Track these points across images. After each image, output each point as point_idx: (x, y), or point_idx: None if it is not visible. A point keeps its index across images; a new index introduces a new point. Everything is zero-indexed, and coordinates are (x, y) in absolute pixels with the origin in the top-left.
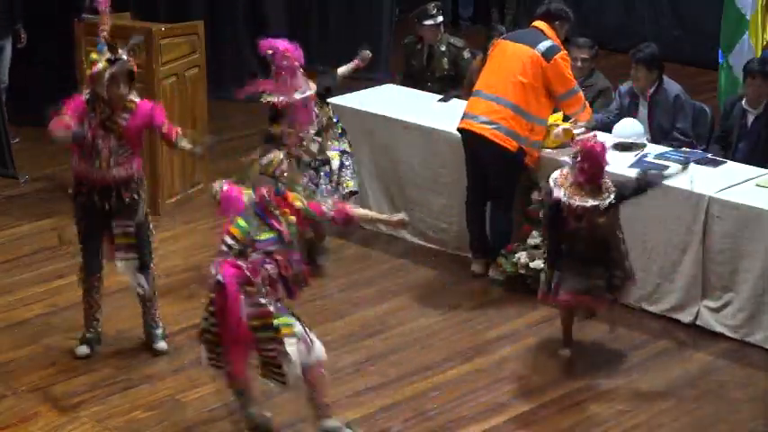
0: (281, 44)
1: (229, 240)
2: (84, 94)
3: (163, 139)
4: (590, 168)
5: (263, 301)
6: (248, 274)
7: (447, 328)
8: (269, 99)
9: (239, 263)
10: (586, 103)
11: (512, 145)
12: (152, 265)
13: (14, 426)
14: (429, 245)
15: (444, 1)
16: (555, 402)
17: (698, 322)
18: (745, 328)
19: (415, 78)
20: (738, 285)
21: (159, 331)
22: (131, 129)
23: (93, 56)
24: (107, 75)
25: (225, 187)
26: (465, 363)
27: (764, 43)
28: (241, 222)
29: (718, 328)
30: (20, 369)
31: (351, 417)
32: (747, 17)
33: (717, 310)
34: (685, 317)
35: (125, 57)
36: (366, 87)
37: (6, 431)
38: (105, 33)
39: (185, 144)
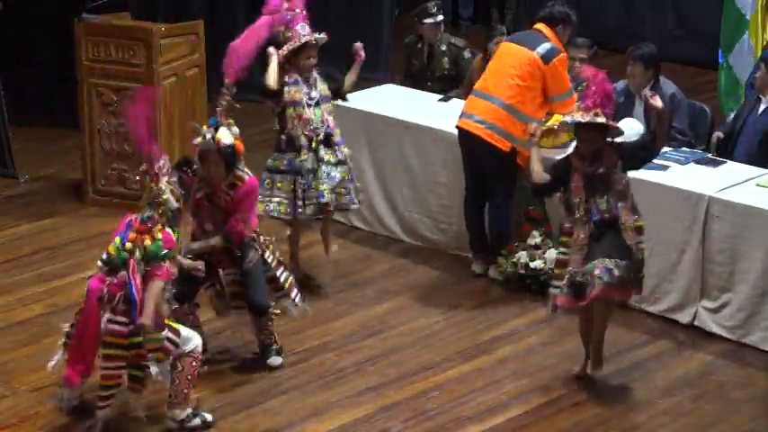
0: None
1: (104, 255)
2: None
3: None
4: (597, 91)
5: (120, 319)
6: (108, 290)
7: (447, 328)
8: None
9: (106, 278)
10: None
11: (505, 145)
12: (271, 306)
13: (14, 426)
14: (429, 245)
15: (444, 1)
16: (555, 402)
17: (696, 323)
18: (742, 329)
19: (415, 78)
20: (736, 286)
21: (273, 347)
22: (234, 206)
23: (203, 128)
24: (197, 151)
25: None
26: (465, 363)
27: (764, 43)
28: (117, 240)
29: (716, 329)
30: (20, 369)
31: (351, 417)
32: (747, 17)
33: (715, 311)
34: (684, 317)
35: (216, 135)
36: (366, 87)
37: (6, 431)
38: (222, 107)
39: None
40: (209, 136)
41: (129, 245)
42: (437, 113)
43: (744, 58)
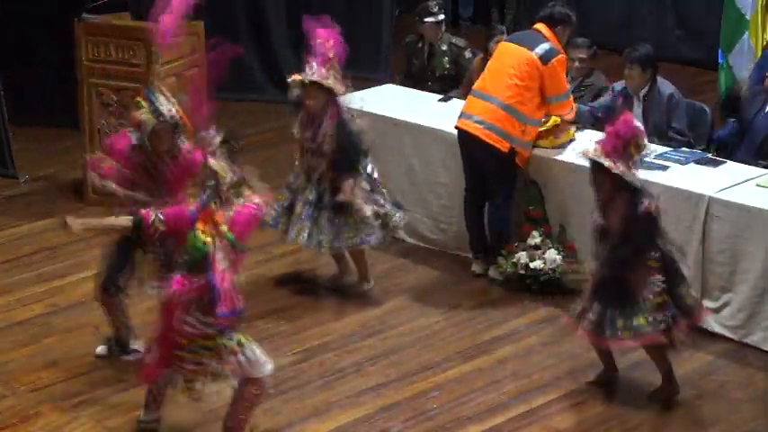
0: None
1: (185, 256)
2: (132, 137)
3: None
4: (610, 132)
5: (202, 319)
6: (192, 291)
7: (447, 328)
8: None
9: (189, 278)
10: (574, 106)
11: (503, 146)
12: None
13: (14, 426)
14: (429, 245)
15: (444, 1)
16: (555, 402)
17: None
18: (743, 329)
19: (415, 78)
20: (737, 286)
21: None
22: (173, 177)
23: (140, 101)
24: (149, 128)
25: (161, 214)
26: (465, 363)
27: (764, 43)
28: (191, 236)
29: (717, 329)
30: (20, 369)
31: (351, 417)
32: (747, 17)
33: (715, 311)
34: None
35: (171, 113)
36: (366, 87)
37: (6, 431)
38: (158, 83)
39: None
40: (168, 115)
41: (208, 239)
42: (437, 113)
43: (744, 58)
